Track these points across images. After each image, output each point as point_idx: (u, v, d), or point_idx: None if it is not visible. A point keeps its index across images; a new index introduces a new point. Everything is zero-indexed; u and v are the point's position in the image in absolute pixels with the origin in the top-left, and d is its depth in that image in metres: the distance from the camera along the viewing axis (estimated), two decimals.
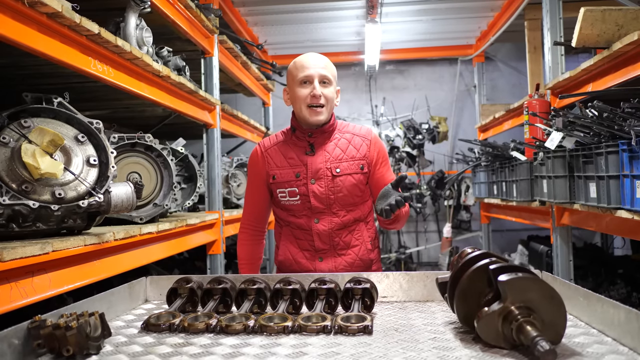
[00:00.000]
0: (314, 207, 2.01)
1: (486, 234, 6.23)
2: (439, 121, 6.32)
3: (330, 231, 2.02)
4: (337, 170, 2.01)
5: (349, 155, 2.04)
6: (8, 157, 1.65)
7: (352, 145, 2.06)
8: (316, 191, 2.01)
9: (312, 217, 2.03)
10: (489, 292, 1.16)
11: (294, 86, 2.01)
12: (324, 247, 2.03)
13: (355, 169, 2.03)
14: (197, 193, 3.25)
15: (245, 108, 5.98)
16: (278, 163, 2.07)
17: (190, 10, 3.05)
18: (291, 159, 2.05)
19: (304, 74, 1.98)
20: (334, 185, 2.01)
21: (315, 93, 1.96)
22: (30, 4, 1.60)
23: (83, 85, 2.67)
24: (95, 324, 1.15)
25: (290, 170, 2.04)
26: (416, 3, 5.19)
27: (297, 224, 2.05)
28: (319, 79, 1.98)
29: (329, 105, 2.00)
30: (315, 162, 2.02)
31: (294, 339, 1.22)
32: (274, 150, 2.10)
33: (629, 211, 2.35)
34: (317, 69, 1.98)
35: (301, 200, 2.02)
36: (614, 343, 1.12)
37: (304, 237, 2.05)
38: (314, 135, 2.04)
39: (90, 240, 1.85)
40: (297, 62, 2.03)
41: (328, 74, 1.99)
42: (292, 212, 2.06)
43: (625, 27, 2.68)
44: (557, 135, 2.87)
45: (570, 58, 4.22)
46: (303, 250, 2.06)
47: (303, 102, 1.98)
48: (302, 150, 2.05)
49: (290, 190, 2.03)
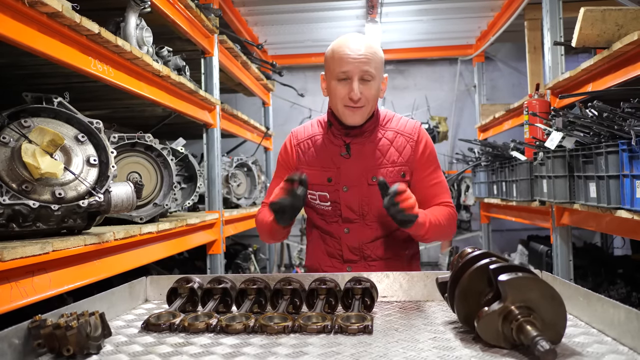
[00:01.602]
0: (345, 217, 1.81)
1: (486, 234, 6.23)
2: (439, 121, 6.32)
3: (360, 243, 1.82)
4: (373, 178, 1.78)
5: (390, 160, 1.80)
6: (8, 157, 1.65)
7: (394, 147, 1.81)
8: (348, 200, 1.79)
9: (342, 226, 1.82)
10: (489, 292, 1.16)
11: (331, 79, 1.76)
12: (354, 257, 1.83)
13: (395, 177, 1.79)
14: (197, 193, 3.25)
15: (245, 108, 5.98)
16: (309, 161, 1.85)
17: (190, 10, 3.05)
18: (324, 159, 1.83)
19: (342, 69, 1.71)
20: (369, 195, 1.78)
21: (353, 96, 1.71)
22: (31, 4, 1.60)
23: (83, 85, 2.67)
24: (95, 323, 1.15)
25: (322, 173, 1.82)
26: (416, 3, 5.19)
27: (326, 229, 1.86)
28: (360, 75, 1.71)
29: (369, 105, 1.76)
30: (349, 167, 1.80)
31: (294, 339, 1.22)
32: (307, 145, 1.88)
33: (628, 211, 2.35)
34: (359, 63, 1.70)
35: (332, 207, 1.82)
36: (614, 343, 1.12)
37: (333, 244, 1.86)
38: (351, 134, 1.81)
39: (91, 240, 1.85)
40: (335, 51, 1.75)
41: (371, 69, 1.71)
42: (322, 216, 1.86)
43: (625, 27, 2.68)
44: (557, 135, 2.88)
45: (570, 58, 4.22)
46: (331, 258, 1.86)
47: (340, 100, 1.75)
48: (337, 150, 1.82)
49: (321, 194, 1.83)
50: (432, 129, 6.21)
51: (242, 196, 4.38)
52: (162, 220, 2.64)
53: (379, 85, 1.78)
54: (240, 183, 4.38)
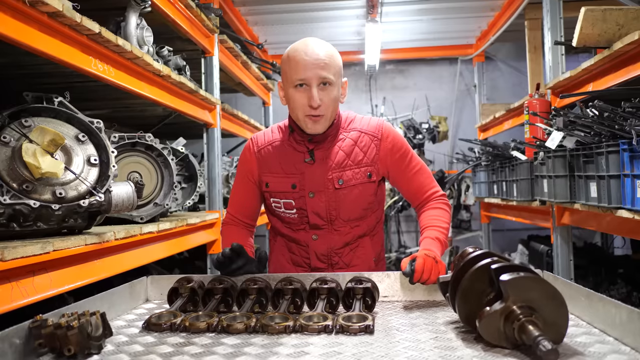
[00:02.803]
0: (312, 223, 1.76)
1: (486, 234, 6.23)
2: (439, 121, 6.32)
3: (329, 250, 1.77)
4: (339, 182, 1.73)
5: (355, 161, 1.75)
6: (9, 157, 1.65)
7: (358, 147, 1.76)
8: (315, 206, 1.73)
9: (310, 233, 1.77)
10: (491, 292, 1.16)
11: (288, 86, 1.70)
12: (321, 265, 1.78)
13: (361, 179, 1.74)
14: (197, 192, 3.25)
15: (246, 107, 5.98)
16: (272, 168, 1.79)
17: (190, 10, 3.05)
18: (287, 166, 1.77)
19: (299, 76, 1.65)
20: (336, 200, 1.73)
21: (312, 103, 1.64)
22: (31, 3, 1.59)
23: (83, 85, 2.66)
24: (96, 323, 1.15)
25: (286, 180, 1.76)
26: (416, 3, 5.18)
27: (292, 237, 1.81)
28: (318, 81, 1.65)
29: (330, 112, 1.69)
30: (314, 173, 1.74)
31: (296, 339, 1.22)
32: (268, 152, 1.81)
33: (629, 211, 2.35)
34: (316, 69, 1.64)
35: (298, 214, 1.76)
36: (616, 342, 1.12)
37: (299, 252, 1.81)
38: (314, 139, 1.75)
39: (91, 239, 1.84)
40: (291, 56, 1.70)
41: (329, 74, 1.65)
42: (288, 225, 1.81)
43: (626, 26, 2.67)
44: (557, 134, 2.87)
45: (570, 58, 4.21)
46: (296, 266, 1.82)
47: (299, 109, 1.68)
48: (300, 156, 1.76)
49: (286, 202, 1.77)
50: (432, 128, 6.21)
51: None
52: (162, 220, 2.64)
53: (339, 91, 1.72)
54: None
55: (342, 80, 1.75)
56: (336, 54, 1.72)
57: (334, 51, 1.72)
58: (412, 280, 1.49)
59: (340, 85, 1.74)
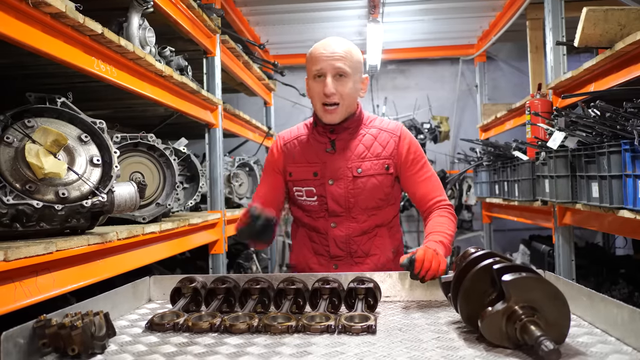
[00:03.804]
0: (331, 210, 1.86)
1: (488, 234, 6.22)
2: (441, 121, 6.31)
3: (347, 237, 1.86)
4: (358, 170, 1.84)
5: (374, 154, 1.86)
6: (12, 157, 1.65)
7: (378, 142, 1.88)
8: (334, 193, 1.84)
9: (329, 221, 1.87)
10: (493, 292, 1.16)
11: (309, 79, 1.86)
12: (340, 253, 1.87)
13: (379, 169, 1.85)
14: (199, 193, 3.25)
15: (247, 108, 5.98)
16: (296, 159, 1.92)
17: (192, 10, 3.05)
18: (310, 155, 1.90)
19: (316, 67, 1.79)
20: (354, 187, 1.84)
21: (326, 91, 1.77)
22: (34, 4, 1.60)
23: (86, 85, 2.67)
24: (99, 323, 1.16)
25: (308, 168, 1.88)
26: (418, 3, 5.18)
27: (313, 226, 1.91)
28: (333, 72, 1.78)
29: (345, 102, 1.81)
30: (335, 161, 1.86)
31: (298, 339, 1.22)
32: (293, 145, 1.94)
33: (631, 211, 2.35)
34: (332, 61, 1.77)
35: (318, 202, 1.87)
36: (618, 343, 1.12)
37: (319, 241, 1.90)
38: (335, 131, 1.87)
39: (94, 239, 1.85)
40: (312, 52, 1.84)
41: (344, 66, 1.78)
42: (309, 213, 1.91)
43: (628, 26, 2.67)
44: (559, 135, 2.87)
45: (572, 58, 4.21)
46: (317, 255, 1.91)
47: (317, 99, 1.82)
48: (322, 147, 1.89)
49: (307, 189, 1.88)
50: (434, 128, 6.20)
51: (244, 196, 4.38)
52: (164, 220, 2.64)
53: (356, 85, 1.84)
54: (242, 183, 4.38)
55: (361, 76, 1.88)
56: (354, 50, 1.84)
57: (353, 47, 1.85)
58: (412, 272, 1.51)
59: (360, 81, 1.87)
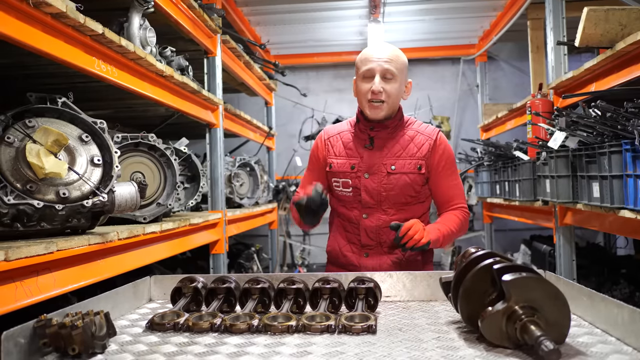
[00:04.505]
0: (364, 202, 2.01)
1: (489, 234, 6.22)
2: (442, 121, 6.32)
3: (377, 228, 2.00)
4: (392, 167, 1.99)
5: (409, 153, 2.01)
6: (13, 157, 1.65)
7: (414, 143, 2.03)
8: (368, 186, 2.00)
9: (361, 212, 2.03)
10: (493, 292, 1.16)
11: (358, 79, 2.03)
12: (370, 243, 2.02)
13: (411, 169, 2.00)
14: (200, 192, 3.25)
15: (248, 107, 5.98)
16: (337, 152, 2.08)
17: (193, 10, 3.06)
18: (350, 149, 2.06)
19: (365, 67, 1.97)
20: (387, 182, 1.99)
21: (374, 89, 1.94)
22: (35, 5, 1.60)
23: (87, 85, 2.67)
24: (100, 323, 1.16)
25: (347, 161, 2.05)
26: (419, 3, 5.18)
27: (347, 216, 2.06)
28: (381, 73, 1.95)
29: (390, 101, 1.98)
30: (372, 157, 2.02)
31: (298, 338, 1.22)
32: (336, 139, 2.11)
33: (632, 211, 2.34)
34: (380, 62, 1.95)
35: (353, 193, 2.03)
36: (618, 343, 1.12)
37: (352, 230, 2.06)
38: (375, 128, 2.03)
39: (95, 239, 1.85)
40: (362, 54, 2.02)
41: (392, 68, 1.95)
42: (344, 204, 2.07)
43: (629, 26, 2.67)
44: (560, 134, 2.87)
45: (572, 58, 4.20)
46: (350, 244, 2.07)
47: (364, 96, 1.98)
48: (362, 142, 2.05)
49: (344, 181, 2.04)
50: None
51: (244, 196, 4.39)
52: (165, 220, 2.64)
53: (401, 86, 2.00)
54: (243, 183, 4.38)
55: (406, 80, 2.05)
56: (401, 55, 2.01)
57: (400, 53, 2.02)
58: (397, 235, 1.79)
59: (404, 84, 2.04)
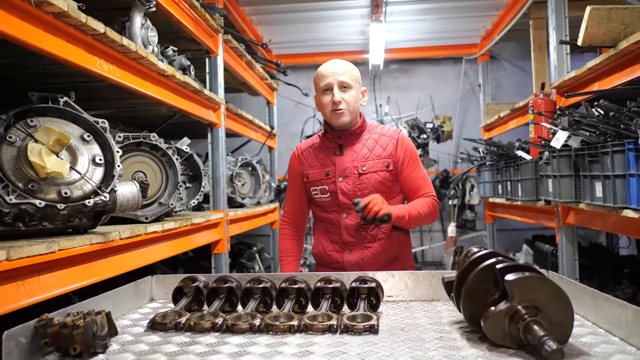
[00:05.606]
0: (342, 203, 2.18)
1: (491, 234, 6.21)
2: (444, 120, 6.30)
3: (357, 225, 2.16)
4: (363, 168, 2.17)
5: (376, 154, 2.19)
6: (14, 156, 1.65)
7: (379, 145, 2.20)
8: (344, 188, 2.17)
9: (341, 212, 2.19)
10: (496, 292, 1.16)
11: (318, 94, 2.21)
12: (352, 239, 2.17)
13: (380, 167, 2.17)
14: (201, 192, 3.25)
15: (250, 107, 5.98)
16: (311, 163, 2.27)
17: (195, 10, 3.05)
18: (322, 159, 2.25)
19: (323, 82, 2.16)
20: (360, 183, 2.16)
21: (335, 99, 2.13)
22: (37, 4, 1.60)
23: (88, 85, 2.67)
24: (101, 322, 1.16)
25: (321, 170, 2.23)
26: (421, 2, 5.18)
27: (328, 219, 2.23)
28: (339, 85, 2.14)
29: (350, 107, 2.16)
30: (343, 162, 2.19)
31: (300, 338, 1.22)
32: (308, 152, 2.31)
33: (635, 211, 2.34)
34: (336, 76, 2.14)
35: (331, 197, 2.20)
36: (622, 343, 1.12)
37: (334, 231, 2.21)
38: (342, 137, 2.21)
39: (96, 239, 1.85)
40: (318, 72, 2.20)
41: (346, 79, 2.15)
42: (324, 208, 2.24)
43: (632, 25, 2.66)
44: (562, 134, 2.86)
45: (575, 57, 4.19)
46: (333, 244, 2.22)
47: (327, 108, 2.16)
48: (332, 151, 2.24)
49: (322, 187, 2.22)
50: (437, 128, 6.18)
51: (246, 195, 4.38)
52: (167, 219, 2.64)
53: (357, 94, 2.20)
54: (245, 182, 4.38)
55: (361, 88, 2.24)
56: (352, 68, 2.21)
57: (352, 66, 2.22)
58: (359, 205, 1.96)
59: (360, 92, 2.23)
